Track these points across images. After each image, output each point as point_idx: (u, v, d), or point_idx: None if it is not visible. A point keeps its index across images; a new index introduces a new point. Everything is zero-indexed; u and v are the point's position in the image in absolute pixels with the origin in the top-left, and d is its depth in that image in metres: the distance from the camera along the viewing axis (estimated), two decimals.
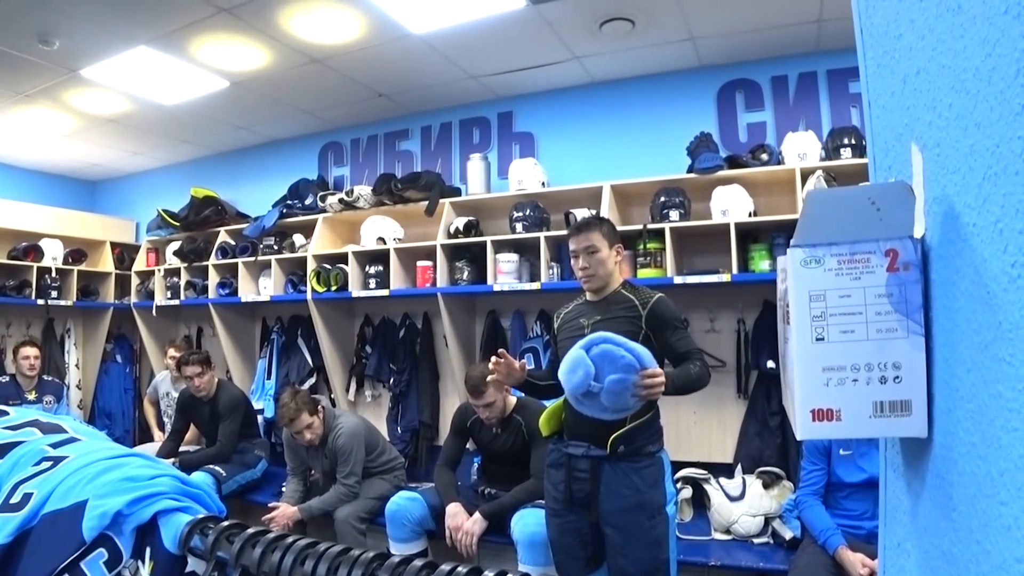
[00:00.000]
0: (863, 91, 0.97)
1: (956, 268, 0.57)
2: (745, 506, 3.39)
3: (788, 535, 3.19)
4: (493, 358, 2.62)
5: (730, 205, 3.69)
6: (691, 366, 2.55)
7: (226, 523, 1.03)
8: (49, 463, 1.22)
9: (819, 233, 0.67)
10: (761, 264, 3.64)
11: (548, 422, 2.70)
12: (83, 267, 5.94)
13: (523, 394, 3.32)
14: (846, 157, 3.55)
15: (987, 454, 0.50)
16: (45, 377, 5.29)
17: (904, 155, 0.73)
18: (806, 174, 3.57)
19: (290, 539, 0.91)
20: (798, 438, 0.68)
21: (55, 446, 1.29)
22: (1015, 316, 0.45)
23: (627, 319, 2.62)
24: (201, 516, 1.07)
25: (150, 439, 5.39)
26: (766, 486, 3.46)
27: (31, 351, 5.07)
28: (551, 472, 2.74)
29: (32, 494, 1.14)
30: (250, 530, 0.96)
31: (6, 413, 1.45)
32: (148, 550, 1.07)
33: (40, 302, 5.55)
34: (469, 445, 3.70)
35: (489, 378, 2.78)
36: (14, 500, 1.14)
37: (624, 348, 2.27)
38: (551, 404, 2.73)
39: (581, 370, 2.24)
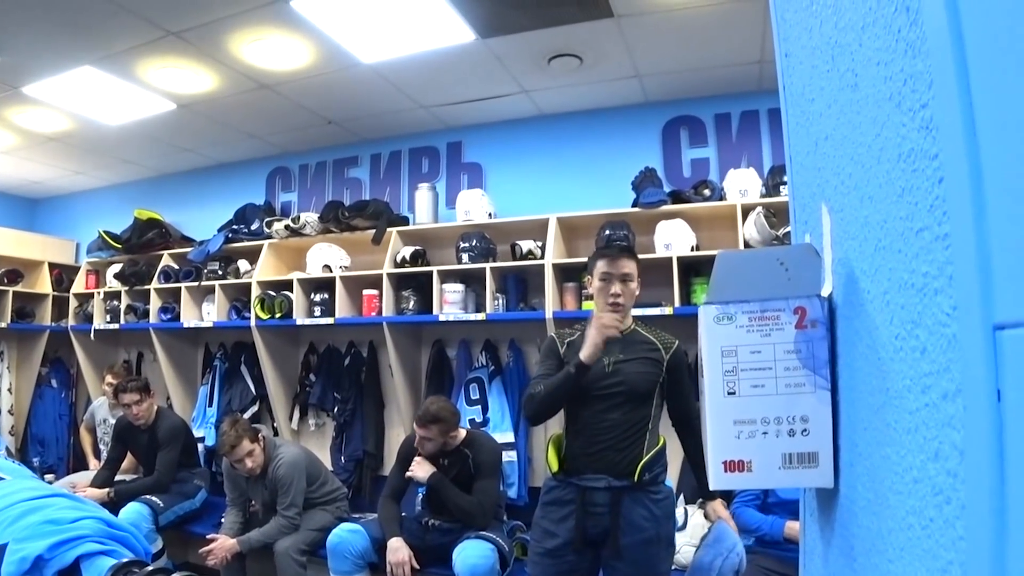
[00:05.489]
0: (786, 146, 1.01)
1: (855, 329, 0.60)
2: (687, 536, 3.41)
3: None
4: None
5: (673, 239, 3.76)
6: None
7: (149, 568, 1.01)
8: None
9: (731, 291, 0.69)
10: (703, 297, 3.70)
11: (555, 454, 2.50)
12: (19, 288, 5.74)
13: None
14: (785, 194, 3.64)
15: (879, 511, 0.52)
16: None
17: (817, 213, 0.77)
18: (747, 210, 3.66)
19: None
20: (711, 488, 0.70)
21: None
22: (898, 385, 0.47)
23: (650, 361, 2.51)
24: (125, 560, 1.05)
25: (85, 467, 5.19)
26: (707, 516, 3.49)
27: None
28: (551, 510, 2.51)
29: None
30: None
31: None
32: None
33: None
34: None
35: None
36: None
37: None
38: (552, 435, 2.52)
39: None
